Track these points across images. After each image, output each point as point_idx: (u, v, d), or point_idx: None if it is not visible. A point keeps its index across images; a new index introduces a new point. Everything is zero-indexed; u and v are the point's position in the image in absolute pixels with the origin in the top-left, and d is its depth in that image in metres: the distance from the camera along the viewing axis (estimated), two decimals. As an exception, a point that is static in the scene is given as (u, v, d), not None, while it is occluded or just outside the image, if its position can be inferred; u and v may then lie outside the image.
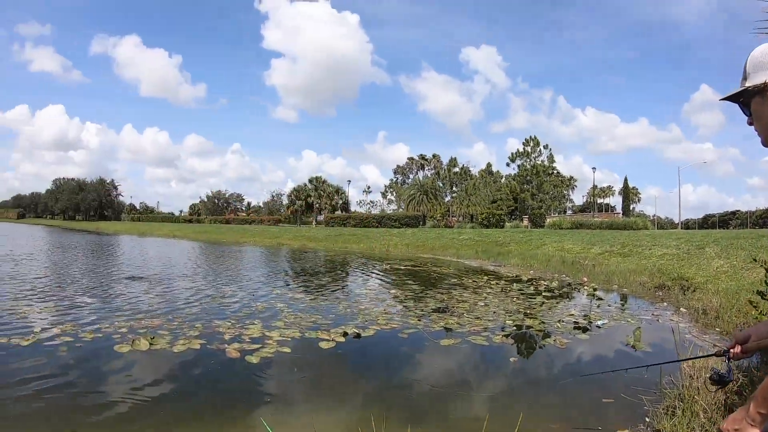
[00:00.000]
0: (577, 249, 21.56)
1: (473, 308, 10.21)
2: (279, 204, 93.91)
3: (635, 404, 4.64)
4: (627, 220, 43.41)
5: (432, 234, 37.02)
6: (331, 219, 63.70)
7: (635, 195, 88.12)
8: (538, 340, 7.76)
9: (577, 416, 4.58)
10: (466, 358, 6.85)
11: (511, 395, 5.44)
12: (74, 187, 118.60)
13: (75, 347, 6.48)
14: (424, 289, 13.48)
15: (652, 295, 11.58)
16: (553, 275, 16.46)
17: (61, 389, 5.04)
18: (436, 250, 29.96)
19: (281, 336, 7.45)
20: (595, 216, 60.23)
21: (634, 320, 8.85)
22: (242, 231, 55.34)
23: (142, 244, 36.99)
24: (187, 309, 9.52)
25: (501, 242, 28.02)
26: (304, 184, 78.58)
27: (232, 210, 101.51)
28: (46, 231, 59.41)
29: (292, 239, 43.40)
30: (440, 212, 59.54)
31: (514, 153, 76.35)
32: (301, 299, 11.39)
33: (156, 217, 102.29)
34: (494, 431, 3.35)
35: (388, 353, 7.17)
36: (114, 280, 13.92)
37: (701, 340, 7.09)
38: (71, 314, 8.57)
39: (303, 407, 4.85)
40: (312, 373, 6.14)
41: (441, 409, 4.89)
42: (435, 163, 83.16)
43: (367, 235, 40.75)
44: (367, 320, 8.86)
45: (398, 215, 58.14)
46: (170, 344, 6.77)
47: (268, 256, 28.60)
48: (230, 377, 5.80)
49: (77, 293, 10.97)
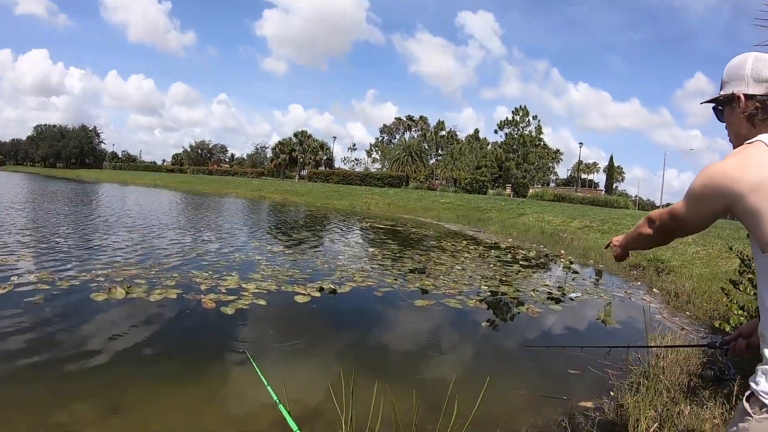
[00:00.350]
0: (557, 221, 21.73)
1: (450, 271, 10.28)
2: (263, 157, 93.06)
3: (601, 378, 4.71)
4: (609, 198, 43.84)
5: (414, 195, 37.04)
6: (315, 174, 63.44)
7: (619, 174, 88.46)
8: (512, 308, 7.83)
9: (544, 385, 4.64)
10: (439, 320, 6.92)
11: (480, 359, 5.53)
12: (56, 134, 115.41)
13: (51, 295, 6.39)
14: (402, 249, 13.53)
15: (626, 274, 11.71)
16: (532, 245, 16.57)
17: (35, 337, 5.00)
18: (417, 211, 30.01)
19: (257, 288, 7.46)
20: (578, 191, 60.54)
21: (606, 296, 8.96)
22: (225, 182, 54.90)
23: (122, 193, 36.47)
24: (165, 259, 9.47)
25: (482, 208, 28.13)
26: (289, 138, 77.63)
27: (216, 161, 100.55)
28: (25, 178, 58.31)
29: (274, 193, 43.22)
30: (424, 174, 59.56)
31: (503, 121, 75.96)
32: (280, 253, 11.39)
33: (138, 166, 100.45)
34: (460, 393, 3.38)
35: (363, 310, 7.23)
36: (93, 229, 13.75)
37: (671, 321, 7.19)
38: (49, 263, 8.43)
39: (273, 360, 4.87)
40: (285, 326, 6.18)
41: (410, 368, 4.95)
42: (422, 125, 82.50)
43: (349, 192, 40.69)
44: (343, 277, 8.89)
45: (382, 174, 58.05)
46: (146, 293, 6.73)
47: (250, 209, 28.49)
48: (204, 327, 5.81)
49: (55, 242, 10.81)
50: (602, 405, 4.07)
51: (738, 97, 1.61)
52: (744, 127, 1.62)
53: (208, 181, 59.50)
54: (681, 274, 10.49)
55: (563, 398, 4.20)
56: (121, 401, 3.75)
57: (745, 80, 1.60)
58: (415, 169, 60.37)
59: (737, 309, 4.62)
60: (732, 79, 1.65)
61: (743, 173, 1.42)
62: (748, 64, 1.61)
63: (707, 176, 1.52)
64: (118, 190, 41.93)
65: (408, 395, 3.51)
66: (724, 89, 1.68)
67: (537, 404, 4.19)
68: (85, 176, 71.11)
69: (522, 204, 29.76)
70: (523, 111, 74.64)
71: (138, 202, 27.95)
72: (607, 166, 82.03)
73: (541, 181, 75.69)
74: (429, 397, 3.91)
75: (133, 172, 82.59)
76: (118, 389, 3.97)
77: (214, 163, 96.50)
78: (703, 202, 1.54)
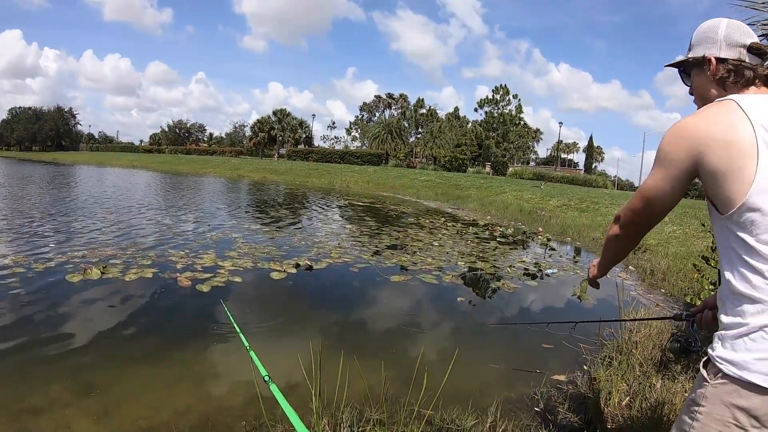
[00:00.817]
0: (536, 199, 21.82)
1: (428, 248, 10.27)
2: (242, 136, 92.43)
3: (574, 352, 4.73)
4: (588, 177, 44.22)
5: (393, 173, 37.02)
6: (294, 152, 63.22)
7: (599, 154, 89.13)
8: (489, 283, 7.85)
9: (518, 359, 4.66)
10: (415, 296, 6.91)
11: (455, 334, 5.51)
12: (31, 117, 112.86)
13: (26, 277, 6.29)
14: (380, 226, 13.50)
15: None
16: (510, 222, 16.62)
17: (8, 320, 4.91)
18: (396, 189, 29.98)
19: (234, 266, 7.40)
20: (557, 170, 60.91)
21: (583, 273, 9.00)
22: (203, 162, 54.42)
23: (99, 175, 35.87)
24: (141, 239, 9.37)
25: (461, 186, 28.17)
26: (267, 116, 77.04)
27: (194, 141, 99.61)
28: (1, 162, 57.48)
29: (253, 171, 42.95)
30: (403, 152, 59.52)
31: (483, 99, 75.87)
32: (257, 230, 11.32)
33: (115, 147, 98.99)
34: (433, 367, 3.37)
35: (339, 286, 7.20)
36: (69, 211, 13.48)
37: (645, 298, 7.24)
38: (24, 245, 8.28)
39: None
40: (260, 303, 6.15)
41: (384, 343, 4.94)
42: (402, 103, 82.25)
43: (328, 170, 40.58)
44: (320, 253, 8.85)
45: (361, 152, 57.98)
46: (122, 273, 6.66)
47: (228, 188, 28.31)
48: (179, 306, 5.76)
49: (31, 224, 10.62)
50: (575, 378, 4.09)
51: (709, 60, 1.60)
52: (713, 89, 1.61)
53: (187, 161, 58.85)
54: (657, 252, 10.56)
55: (536, 372, 4.20)
56: (96, 382, 3.70)
57: (718, 44, 1.59)
58: (394, 147, 60.31)
59: (708, 284, 4.65)
60: (702, 42, 1.63)
61: (712, 128, 1.41)
62: (721, 28, 1.60)
63: (674, 133, 1.50)
64: (94, 171, 41.33)
65: (380, 370, 3.49)
66: (693, 51, 1.67)
67: (510, 378, 4.20)
68: (62, 159, 69.97)
69: (501, 182, 29.89)
70: (503, 90, 74.62)
71: (115, 183, 27.54)
72: (587, 146, 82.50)
73: (520, 160, 75.99)
74: (401, 371, 3.90)
75: (111, 153, 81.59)
76: (92, 370, 3.93)
77: (192, 143, 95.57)
78: (672, 163, 1.50)
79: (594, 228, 14.12)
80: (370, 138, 65.84)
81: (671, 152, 1.50)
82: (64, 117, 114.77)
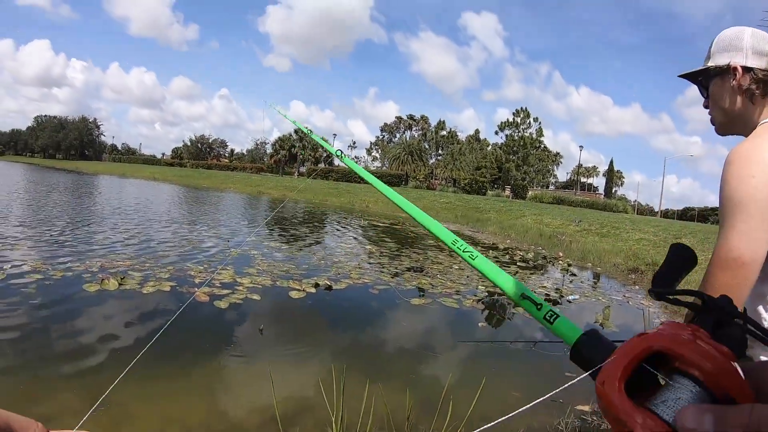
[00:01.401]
0: (556, 224, 21.65)
1: (447, 270, 10.19)
2: (262, 152, 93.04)
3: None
4: (608, 202, 43.84)
5: (413, 194, 36.97)
6: (314, 171, 63.44)
7: (619, 178, 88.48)
8: (508, 308, 7.75)
9: (541, 386, 4.57)
10: (435, 319, 6.83)
11: (475, 359, 5.44)
12: (56, 125, 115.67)
13: (44, 286, 6.32)
14: (400, 247, 13.45)
15: (624, 277, 11.65)
16: (530, 246, 16.50)
17: (23, 328, 4.94)
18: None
19: (252, 283, 7.37)
20: (577, 194, 60.57)
21: (604, 299, 8.89)
22: (224, 177, 54.86)
23: (121, 186, 36.40)
24: (161, 251, 9.41)
25: (481, 209, 28.04)
26: (289, 134, 77.67)
27: (215, 156, 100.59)
28: (23, 168, 58.34)
29: (273, 189, 43.19)
30: (423, 173, 59.53)
31: (504, 122, 75.88)
32: (276, 248, 11.31)
33: (137, 159, 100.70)
34: (455, 393, 3.31)
35: (358, 308, 7.14)
36: (90, 220, 13.70)
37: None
38: (44, 253, 8.39)
39: (263, 356, 4.80)
40: (278, 322, 6.11)
41: (405, 368, 4.86)
42: (423, 124, 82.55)
43: (348, 189, 40.61)
44: (340, 273, 8.81)
45: (381, 173, 58.08)
46: (140, 285, 6.67)
47: (248, 204, 28.45)
48: (196, 321, 5.72)
49: (51, 232, 10.73)
50: (599, 408, 3.99)
51: (735, 69, 1.45)
52: (738, 102, 1.47)
53: (208, 175, 59.39)
54: (680, 278, 10.39)
55: (560, 401, 4.11)
56: (108, 395, 3.66)
57: (743, 52, 1.45)
58: (414, 168, 60.38)
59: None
60: (725, 50, 1.48)
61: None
62: (746, 36, 1.46)
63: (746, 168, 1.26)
64: (116, 182, 41.86)
65: (402, 395, 3.43)
66: (713, 60, 1.51)
67: (533, 407, 4.11)
68: (84, 168, 71.01)
69: (521, 205, 29.73)
70: (524, 113, 74.58)
71: (136, 195, 27.82)
72: (607, 170, 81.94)
73: (540, 184, 75.72)
74: (423, 397, 3.83)
75: (133, 165, 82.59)
76: (104, 383, 3.89)
77: (213, 158, 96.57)
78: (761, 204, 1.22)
79: (615, 253, 13.96)
80: (390, 158, 66.03)
81: (757, 190, 1.23)
82: (88, 127, 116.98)
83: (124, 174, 60.74)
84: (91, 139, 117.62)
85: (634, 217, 32.60)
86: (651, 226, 19.42)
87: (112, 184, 38.43)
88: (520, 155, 72.92)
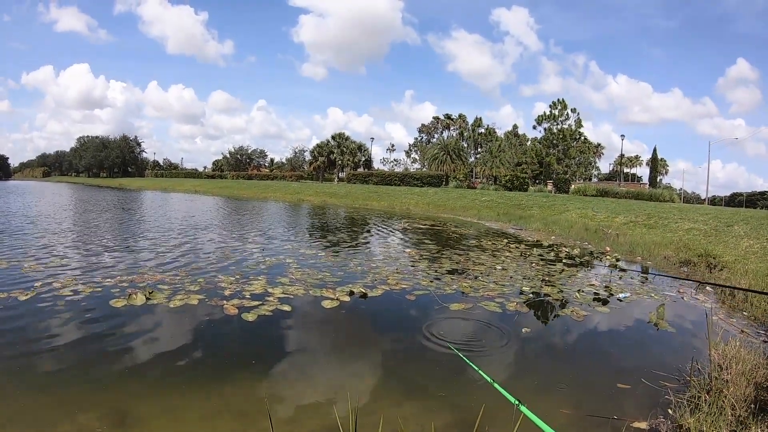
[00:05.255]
0: (601, 217, 20.97)
1: (490, 272, 9.82)
2: (302, 160, 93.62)
3: (654, 392, 4.21)
4: (653, 192, 42.47)
5: (454, 194, 36.50)
6: (353, 176, 63.49)
7: (663, 167, 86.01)
8: (555, 310, 7.34)
9: (591, 402, 4.16)
10: (476, 326, 6.44)
11: (518, 371, 5.03)
12: (98, 145, 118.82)
13: (72, 301, 6.34)
14: (440, 249, 13.13)
15: (676, 271, 11.07)
16: (575, 242, 15.94)
17: (47, 343, 4.93)
18: (456, 210, 29.52)
19: (284, 293, 7.20)
20: (621, 185, 59.08)
21: (657, 296, 8.38)
22: (264, 187, 55.35)
23: (163, 200, 37.14)
24: (194, 263, 9.38)
25: (523, 206, 27.49)
26: (327, 140, 77.88)
27: (255, 166, 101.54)
28: (69, 187, 60.35)
29: (313, 195, 43.39)
30: (463, 173, 58.78)
31: (541, 116, 74.49)
32: (312, 255, 11.13)
33: (179, 173, 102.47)
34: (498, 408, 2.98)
35: (393, 317, 6.83)
36: (131, 233, 13.98)
37: (729, 323, 6.60)
38: (78, 267, 8.47)
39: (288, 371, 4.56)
40: (307, 335, 5.86)
41: (442, 381, 4.52)
42: (460, 123, 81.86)
43: (388, 193, 40.44)
44: (377, 279, 8.56)
45: (421, 174, 57.69)
46: (168, 299, 6.59)
47: (288, 212, 28.50)
48: (222, 336, 5.56)
49: (93, 246, 10.91)
50: (658, 426, 3.59)
51: None
52: None
53: (248, 185, 60.07)
54: (735, 270, 9.79)
55: (613, 418, 3.72)
56: (130, 412, 3.62)
57: None
58: (454, 168, 59.73)
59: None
60: None
61: None
62: None
63: None
64: (159, 196, 42.72)
65: (440, 411, 3.13)
66: None
67: (583, 425, 3.72)
68: (128, 184, 72.84)
69: (564, 200, 28.98)
70: (561, 104, 73.14)
71: (177, 208, 28.31)
72: (651, 159, 79.62)
73: (582, 177, 74.18)
74: (463, 414, 3.52)
75: (174, 179, 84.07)
76: (126, 400, 3.84)
77: (253, 168, 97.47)
78: None
79: (665, 245, 13.33)
80: (429, 159, 65.51)
81: None
82: (130, 145, 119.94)
83: (166, 189, 62.00)
84: (133, 156, 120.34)
85: (682, 205, 31.48)
86: (700, 214, 18.57)
87: (155, 198, 39.31)
88: (560, 148, 71.62)
